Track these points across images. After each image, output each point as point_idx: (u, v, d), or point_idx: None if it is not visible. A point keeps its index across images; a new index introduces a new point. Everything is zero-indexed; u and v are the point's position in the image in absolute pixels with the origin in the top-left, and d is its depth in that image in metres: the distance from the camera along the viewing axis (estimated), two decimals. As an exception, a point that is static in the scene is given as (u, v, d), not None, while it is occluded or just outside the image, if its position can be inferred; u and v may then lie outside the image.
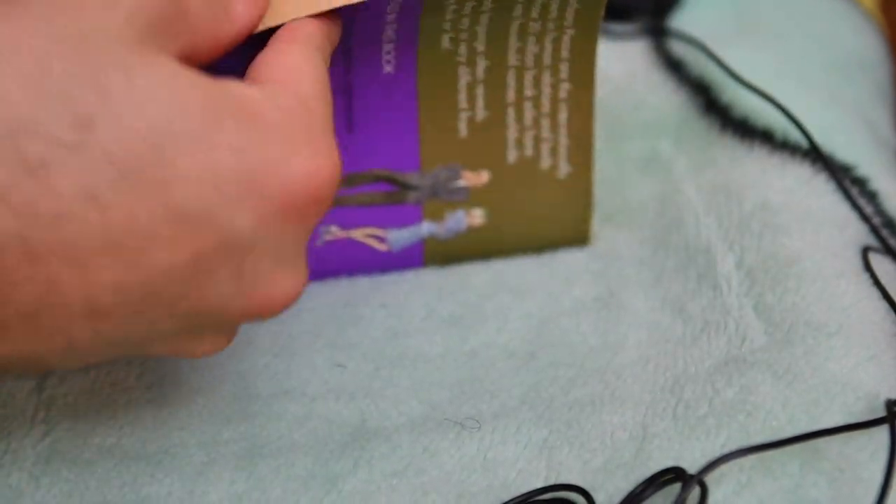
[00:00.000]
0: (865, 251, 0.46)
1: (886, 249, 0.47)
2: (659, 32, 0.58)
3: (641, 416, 0.42)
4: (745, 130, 0.51)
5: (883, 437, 0.38)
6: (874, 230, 0.47)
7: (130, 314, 0.32)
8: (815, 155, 0.49)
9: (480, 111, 0.45)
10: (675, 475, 0.39)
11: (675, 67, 0.56)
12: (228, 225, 0.32)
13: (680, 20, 0.58)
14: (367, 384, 0.44)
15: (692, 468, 0.39)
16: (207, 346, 0.36)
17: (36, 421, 0.43)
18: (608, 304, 0.47)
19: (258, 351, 0.46)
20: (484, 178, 0.47)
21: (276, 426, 0.43)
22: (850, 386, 0.41)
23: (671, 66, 0.56)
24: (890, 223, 0.48)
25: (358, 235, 0.47)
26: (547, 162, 0.47)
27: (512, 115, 0.45)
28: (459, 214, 0.47)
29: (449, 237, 0.48)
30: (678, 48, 0.57)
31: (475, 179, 0.47)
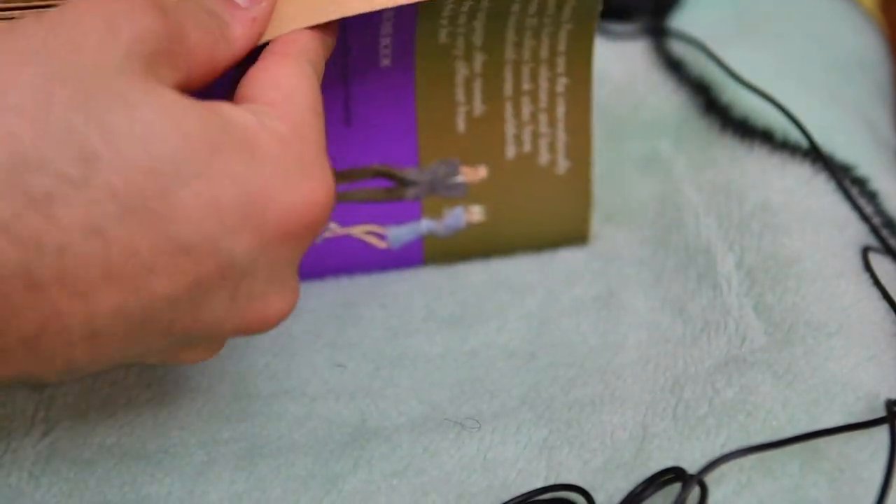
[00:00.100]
0: (865, 251, 0.46)
1: (886, 249, 0.47)
2: (659, 32, 0.58)
3: (641, 416, 0.42)
4: (745, 130, 0.51)
5: (883, 437, 0.38)
6: (874, 230, 0.47)
7: (129, 336, 0.32)
8: (815, 155, 0.49)
9: (478, 106, 0.45)
10: (675, 475, 0.39)
11: (675, 67, 0.56)
12: (228, 253, 0.32)
13: (680, 20, 0.58)
14: (367, 384, 0.44)
15: (692, 468, 0.39)
16: (198, 355, 0.37)
17: (36, 420, 0.43)
18: (608, 303, 0.47)
19: (258, 351, 0.46)
20: (482, 173, 0.47)
21: (276, 426, 0.43)
22: (850, 386, 0.41)
23: (671, 66, 0.56)
24: (890, 223, 0.48)
25: (357, 232, 0.47)
26: (545, 157, 0.47)
27: (509, 109, 0.45)
28: (458, 211, 0.47)
29: (448, 234, 0.48)
30: (678, 48, 0.56)
31: (473, 175, 0.47)
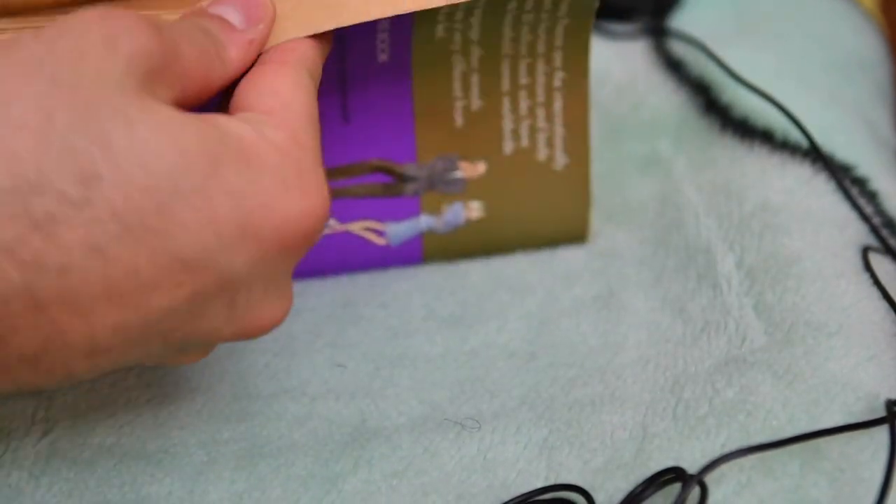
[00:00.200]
0: (865, 251, 0.46)
1: (886, 249, 0.47)
2: (659, 32, 0.58)
3: (641, 416, 0.42)
4: (745, 130, 0.51)
5: (883, 437, 0.38)
6: (874, 230, 0.47)
7: (128, 348, 0.32)
8: (815, 155, 0.49)
9: (475, 100, 0.45)
10: (675, 475, 0.39)
11: (675, 67, 0.56)
12: (225, 266, 0.32)
13: (680, 20, 0.58)
14: (367, 384, 0.44)
15: (692, 468, 0.39)
16: (193, 358, 0.37)
17: (36, 420, 0.42)
18: (608, 303, 0.47)
19: (258, 351, 0.46)
20: (481, 169, 0.47)
21: (276, 426, 0.43)
22: (850, 386, 0.41)
23: (671, 66, 0.56)
24: (890, 223, 0.48)
25: (356, 229, 0.47)
26: (543, 153, 0.47)
27: (507, 104, 0.45)
28: (457, 207, 0.47)
29: (448, 231, 0.48)
30: (678, 48, 0.57)
31: (472, 171, 0.47)
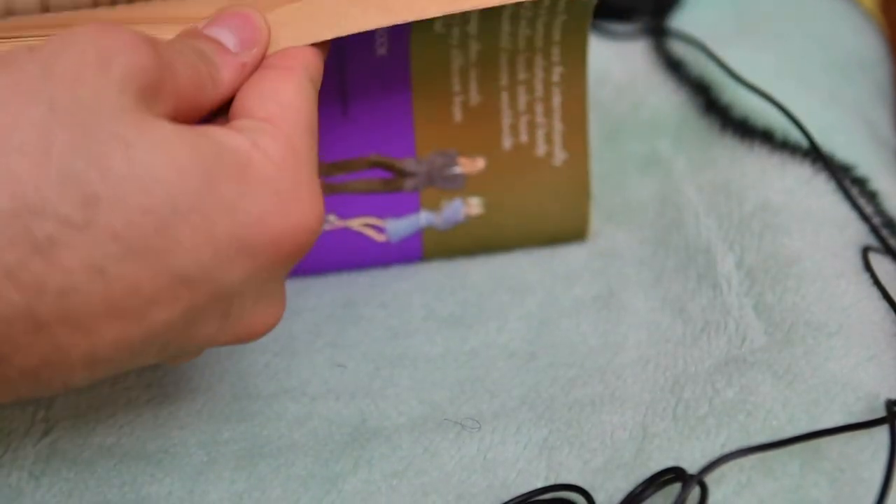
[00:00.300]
0: (865, 251, 0.46)
1: (886, 249, 0.47)
2: (659, 32, 0.58)
3: (641, 416, 0.42)
4: (745, 130, 0.51)
5: (883, 437, 0.38)
6: (874, 230, 0.47)
7: (126, 359, 0.33)
8: (815, 155, 0.49)
9: (474, 95, 0.45)
10: (675, 475, 0.39)
11: (675, 67, 0.56)
12: (222, 280, 0.33)
13: (680, 20, 0.58)
14: (367, 384, 0.44)
15: (692, 468, 0.39)
16: (183, 360, 0.38)
17: (36, 420, 0.42)
18: (608, 303, 0.47)
19: (258, 350, 0.46)
20: (480, 164, 0.47)
21: (276, 426, 0.43)
22: (850, 386, 0.41)
23: (671, 66, 0.56)
24: (890, 223, 0.48)
25: (355, 225, 0.47)
26: (542, 148, 0.47)
27: (505, 99, 0.45)
28: (457, 203, 0.47)
29: (447, 228, 0.48)
30: (678, 48, 0.56)
31: (471, 166, 0.47)
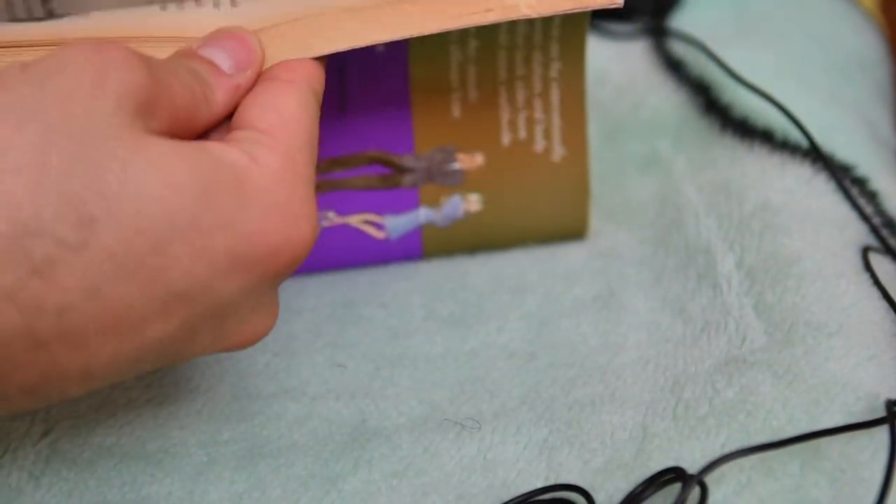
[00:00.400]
0: (865, 251, 0.46)
1: (886, 249, 0.47)
2: (659, 32, 0.58)
3: (641, 416, 0.42)
4: (745, 130, 0.51)
5: (883, 437, 0.38)
6: (874, 230, 0.47)
7: (122, 372, 0.33)
8: (815, 155, 0.49)
9: (472, 91, 0.45)
10: (675, 475, 0.39)
11: (675, 67, 0.56)
12: (217, 295, 0.33)
13: (680, 20, 0.58)
14: (367, 384, 0.44)
15: (692, 468, 0.39)
16: (177, 364, 0.38)
17: (36, 420, 0.42)
18: (608, 303, 0.47)
19: (258, 350, 0.46)
20: (479, 160, 0.47)
21: (276, 426, 0.43)
22: (850, 386, 0.41)
23: (671, 66, 0.56)
24: (890, 223, 0.48)
25: (355, 222, 0.47)
26: (541, 144, 0.47)
27: (504, 95, 0.45)
28: (456, 200, 0.47)
29: (447, 224, 0.48)
30: (678, 48, 0.57)
31: (470, 162, 0.47)
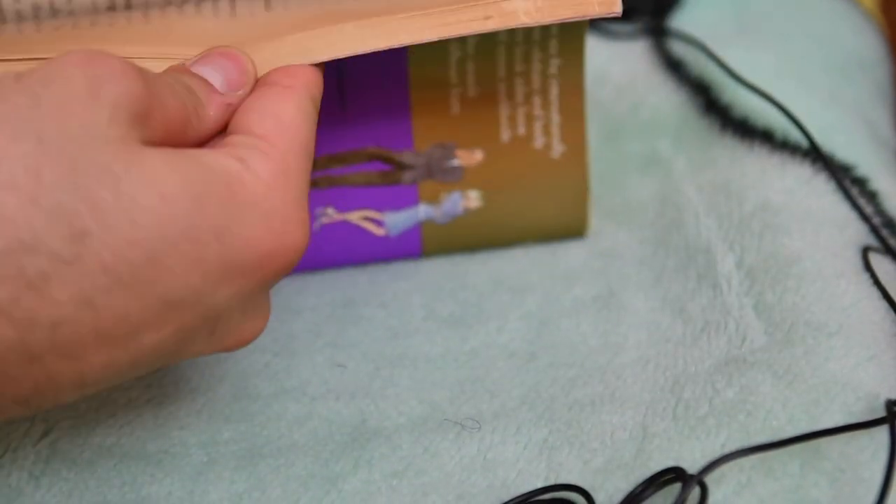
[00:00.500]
0: (865, 251, 0.46)
1: (886, 249, 0.47)
2: (659, 32, 0.58)
3: (641, 416, 0.42)
4: (745, 130, 0.51)
5: (883, 437, 0.38)
6: (874, 230, 0.47)
7: (115, 379, 0.33)
8: (815, 155, 0.49)
9: (472, 87, 0.45)
10: (675, 475, 0.39)
11: (675, 67, 0.56)
12: (210, 302, 0.33)
13: (680, 20, 0.58)
14: (367, 384, 0.44)
15: (692, 468, 0.39)
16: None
17: (36, 420, 0.42)
18: (608, 303, 0.47)
19: (258, 350, 0.46)
20: (478, 157, 0.47)
21: (276, 426, 0.43)
22: (850, 386, 0.41)
23: (671, 66, 0.56)
24: (890, 223, 0.48)
25: (355, 218, 0.47)
26: (540, 141, 0.47)
27: (503, 91, 0.45)
28: (455, 197, 0.47)
29: (447, 221, 0.48)
30: (678, 48, 0.57)
31: (469, 159, 0.47)
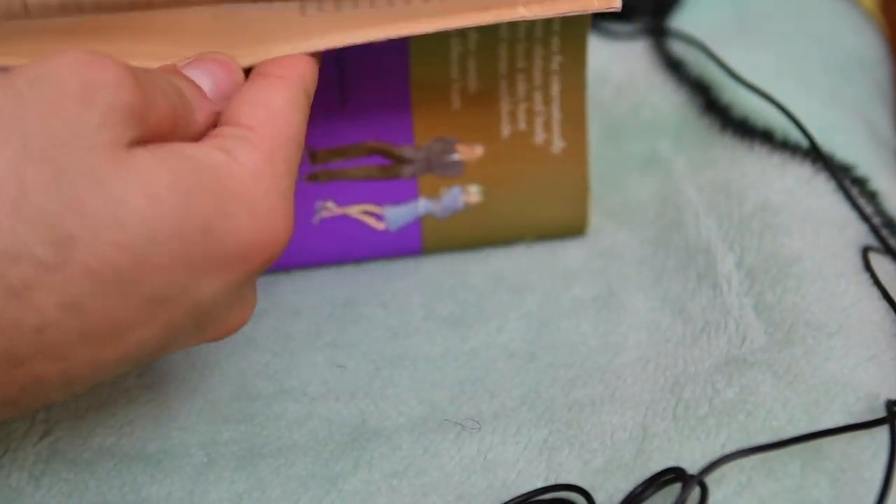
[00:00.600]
0: (865, 251, 0.46)
1: (886, 249, 0.47)
2: (659, 32, 0.58)
3: (641, 416, 0.42)
4: (745, 130, 0.51)
5: (884, 437, 0.38)
6: (874, 230, 0.47)
7: (103, 375, 0.33)
8: (815, 155, 0.49)
9: (473, 83, 0.45)
10: (675, 475, 0.39)
11: (675, 67, 0.56)
12: (196, 296, 0.33)
13: (680, 20, 0.58)
14: (367, 384, 0.44)
15: (692, 468, 0.39)
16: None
17: (36, 420, 0.42)
18: (608, 303, 0.47)
19: (258, 350, 0.46)
20: (478, 152, 0.47)
21: (276, 426, 0.43)
22: (850, 386, 0.41)
23: (671, 66, 0.56)
24: (890, 223, 0.48)
25: (354, 212, 0.47)
26: (541, 136, 0.47)
27: (504, 87, 0.45)
28: (456, 191, 0.47)
29: (447, 216, 0.48)
30: (678, 48, 0.57)
31: (470, 153, 0.47)
